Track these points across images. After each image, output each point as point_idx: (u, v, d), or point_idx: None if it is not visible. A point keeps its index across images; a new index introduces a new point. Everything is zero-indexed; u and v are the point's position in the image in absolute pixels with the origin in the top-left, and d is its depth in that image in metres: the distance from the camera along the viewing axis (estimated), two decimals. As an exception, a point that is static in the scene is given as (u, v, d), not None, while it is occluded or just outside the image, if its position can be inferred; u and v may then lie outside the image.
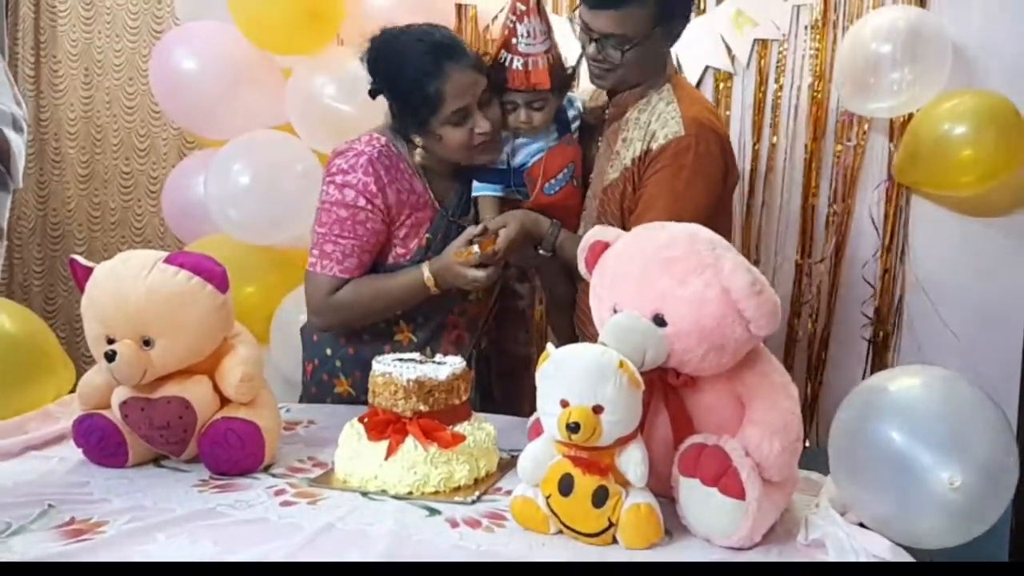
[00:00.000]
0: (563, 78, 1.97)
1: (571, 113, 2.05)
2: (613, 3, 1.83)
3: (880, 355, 2.72)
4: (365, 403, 1.98)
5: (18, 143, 0.65)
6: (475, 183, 2.02)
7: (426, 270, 1.92)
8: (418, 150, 1.97)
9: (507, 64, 1.91)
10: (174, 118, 3.17)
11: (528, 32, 1.89)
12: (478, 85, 1.89)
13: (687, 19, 1.95)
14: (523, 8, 1.89)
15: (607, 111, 2.02)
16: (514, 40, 1.90)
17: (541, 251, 1.97)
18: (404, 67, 1.87)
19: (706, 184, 1.85)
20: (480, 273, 1.87)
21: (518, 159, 2.00)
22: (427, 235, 1.99)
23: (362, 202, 1.93)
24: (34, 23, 3.55)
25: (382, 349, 1.97)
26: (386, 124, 2.02)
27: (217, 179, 2.64)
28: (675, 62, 1.99)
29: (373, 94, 1.96)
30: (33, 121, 3.57)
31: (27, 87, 3.57)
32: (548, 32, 1.91)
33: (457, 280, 1.90)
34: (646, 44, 1.87)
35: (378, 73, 1.93)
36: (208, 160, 2.74)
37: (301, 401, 2.15)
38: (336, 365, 2.07)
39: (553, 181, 1.99)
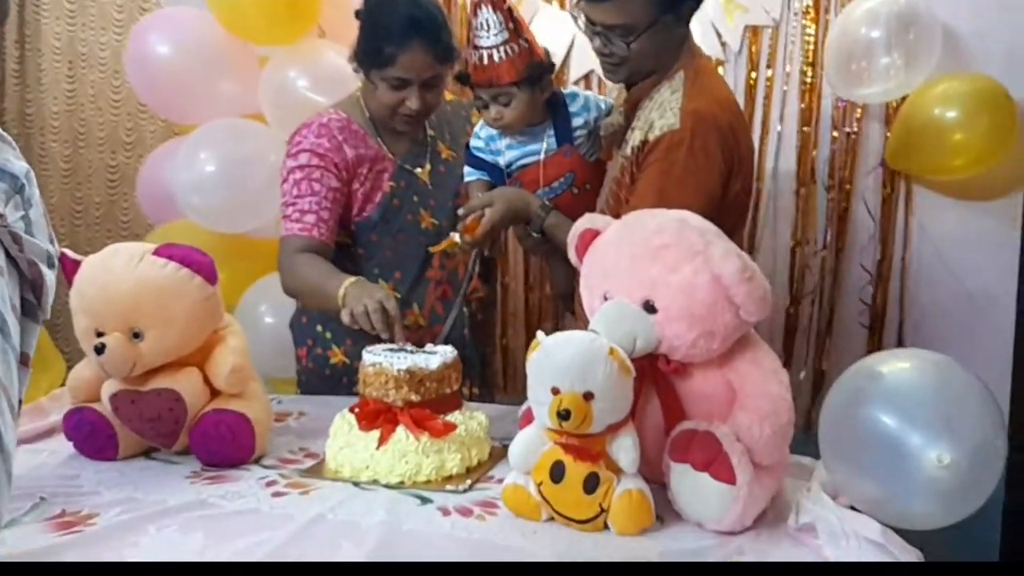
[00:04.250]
0: (532, 71, 1.84)
1: (579, 120, 1.95)
2: None
3: (878, 341, 2.72)
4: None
5: (50, 278, 0.71)
6: (466, 169, 2.03)
7: (346, 282, 1.82)
8: (358, 92, 2.08)
9: (468, 59, 1.88)
10: (148, 103, 3.13)
11: (482, 24, 1.81)
12: (429, 69, 1.95)
13: (698, 3, 1.82)
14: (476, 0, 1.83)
15: (622, 112, 1.93)
16: (472, 34, 1.85)
17: (531, 232, 1.92)
18: (381, 17, 1.95)
19: (698, 183, 1.71)
20: (360, 308, 1.72)
21: (507, 158, 1.96)
22: (390, 183, 2.06)
23: (315, 160, 1.99)
24: (18, 16, 3.51)
25: None
26: (341, 101, 2.11)
27: (184, 166, 2.62)
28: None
29: (357, 14, 2.01)
30: (18, 117, 3.54)
31: (12, 82, 3.54)
32: (506, 23, 1.81)
33: (352, 302, 1.75)
34: (654, 31, 1.75)
35: (367, 3, 2.00)
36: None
37: (300, 390, 2.16)
38: (327, 338, 2.10)
39: (547, 189, 1.94)
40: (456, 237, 1.86)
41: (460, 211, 1.91)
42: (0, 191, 0.69)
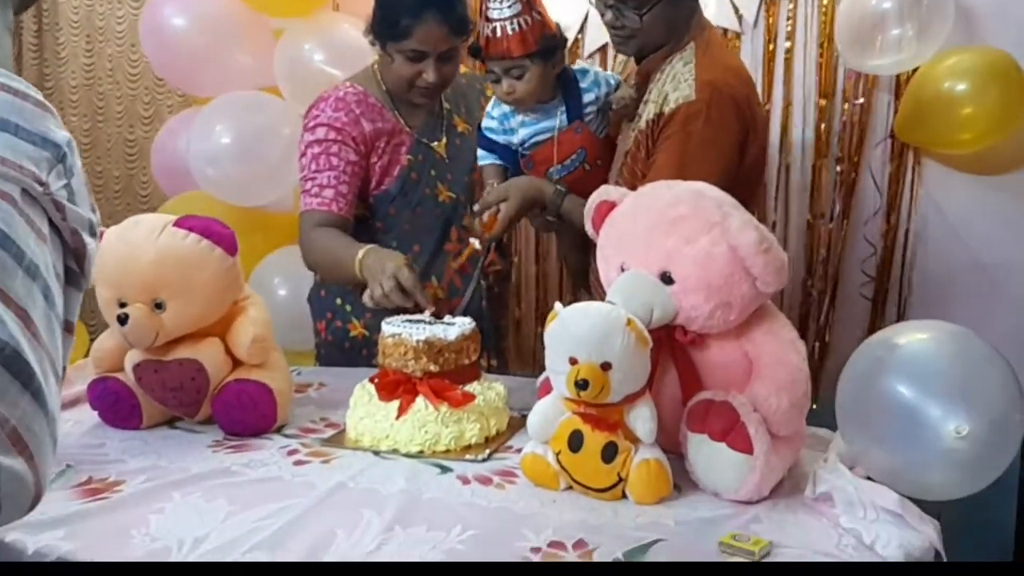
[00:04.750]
0: (545, 43, 1.83)
1: (590, 96, 1.93)
2: None
3: (881, 313, 2.72)
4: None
5: (92, 247, 0.73)
6: (479, 152, 2.02)
7: (360, 252, 1.84)
8: (375, 62, 2.08)
9: (481, 32, 1.86)
10: (163, 75, 3.17)
11: None
12: (446, 42, 1.95)
13: None
14: None
15: (634, 86, 1.92)
16: (484, 7, 1.84)
17: (548, 217, 1.93)
18: None
19: (716, 154, 1.73)
20: (378, 292, 1.73)
21: (520, 135, 1.94)
22: (408, 156, 2.07)
23: (332, 135, 2.00)
24: (36, -10, 3.53)
25: None
26: (357, 75, 2.12)
27: (199, 138, 2.64)
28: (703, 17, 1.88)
29: None
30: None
31: (30, 56, 3.57)
32: None
33: (370, 282, 1.78)
34: (666, 2, 1.76)
35: None
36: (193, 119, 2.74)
37: (319, 363, 2.18)
38: (347, 311, 2.12)
39: (560, 167, 1.94)
40: (476, 244, 1.86)
41: (475, 207, 1.91)
42: (43, 160, 0.70)
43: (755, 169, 1.85)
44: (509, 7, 1.80)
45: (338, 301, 2.13)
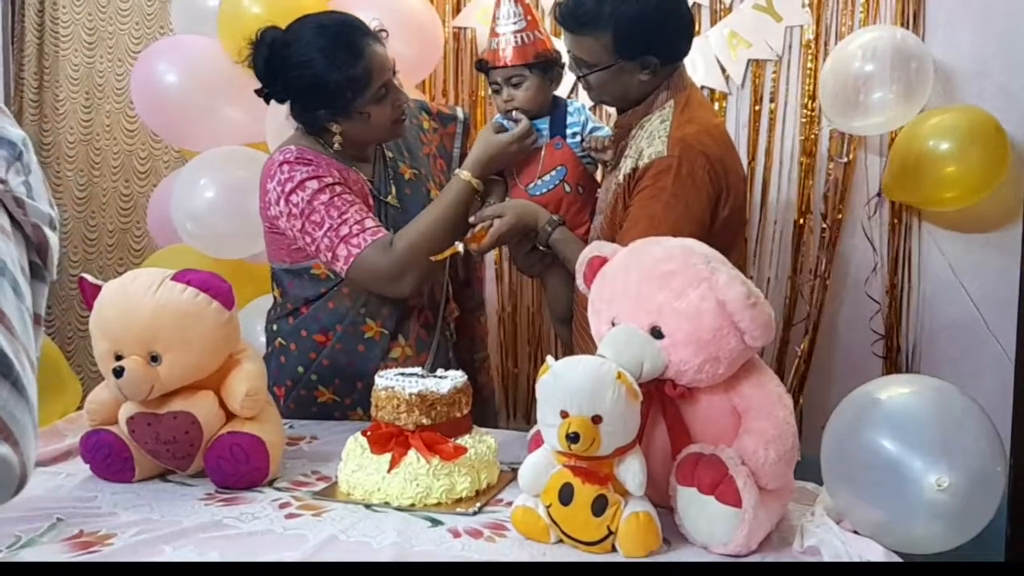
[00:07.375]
0: (543, 58, 2.00)
1: (573, 119, 2.06)
2: (569, 25, 1.88)
3: (890, 370, 2.74)
4: (353, 408, 2.04)
5: (54, 239, 0.75)
6: None
7: (463, 173, 1.98)
8: (336, 138, 1.97)
9: (488, 47, 2.04)
10: (153, 129, 3.23)
11: (504, 14, 2.00)
12: (389, 58, 1.97)
13: (672, 57, 1.91)
14: None
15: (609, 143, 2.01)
16: (493, 24, 2.02)
17: (537, 244, 1.99)
18: (318, 55, 1.88)
19: (687, 208, 1.78)
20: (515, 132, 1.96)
21: None
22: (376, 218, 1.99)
23: (327, 180, 1.92)
24: (38, 48, 3.59)
25: (356, 350, 2.01)
26: (288, 140, 2.03)
27: (183, 192, 2.66)
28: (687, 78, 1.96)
29: (269, 97, 1.97)
30: (36, 146, 3.57)
31: (30, 112, 3.61)
32: (525, 15, 1.99)
33: (500, 159, 1.99)
34: (613, 72, 1.87)
35: (279, 71, 1.92)
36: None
37: None
38: (312, 379, 2.06)
39: (539, 182, 2.02)
40: (459, 246, 1.90)
41: (471, 219, 1.97)
42: (0, 158, 0.72)
43: (731, 227, 1.88)
44: (515, 23, 1.98)
45: (300, 370, 2.06)
